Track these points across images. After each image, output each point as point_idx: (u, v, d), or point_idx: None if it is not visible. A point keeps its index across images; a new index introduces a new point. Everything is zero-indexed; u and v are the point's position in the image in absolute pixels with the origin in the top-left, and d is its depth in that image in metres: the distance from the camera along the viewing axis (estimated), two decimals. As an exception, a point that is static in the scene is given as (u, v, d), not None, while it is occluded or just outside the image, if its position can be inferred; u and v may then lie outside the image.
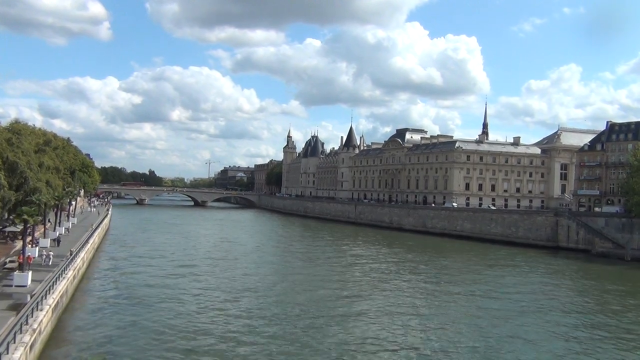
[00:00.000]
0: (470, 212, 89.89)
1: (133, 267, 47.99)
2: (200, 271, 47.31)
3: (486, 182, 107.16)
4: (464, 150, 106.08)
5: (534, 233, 77.03)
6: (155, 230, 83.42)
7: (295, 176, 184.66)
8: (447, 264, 58.97)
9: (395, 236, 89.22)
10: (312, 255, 60.83)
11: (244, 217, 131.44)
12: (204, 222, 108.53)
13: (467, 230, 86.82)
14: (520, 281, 48.62)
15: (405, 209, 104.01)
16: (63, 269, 32.65)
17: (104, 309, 32.50)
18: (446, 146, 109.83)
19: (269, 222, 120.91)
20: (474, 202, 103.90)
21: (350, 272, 50.13)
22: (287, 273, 48.26)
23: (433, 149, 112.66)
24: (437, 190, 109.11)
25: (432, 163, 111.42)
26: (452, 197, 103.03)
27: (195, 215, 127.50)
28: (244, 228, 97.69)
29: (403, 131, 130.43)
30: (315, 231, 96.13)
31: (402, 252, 66.76)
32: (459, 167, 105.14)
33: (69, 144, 74.52)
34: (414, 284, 45.01)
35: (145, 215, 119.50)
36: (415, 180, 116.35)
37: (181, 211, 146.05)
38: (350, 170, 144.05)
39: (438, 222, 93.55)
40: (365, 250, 68.19)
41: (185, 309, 33.10)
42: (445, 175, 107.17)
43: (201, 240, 73.06)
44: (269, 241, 76.58)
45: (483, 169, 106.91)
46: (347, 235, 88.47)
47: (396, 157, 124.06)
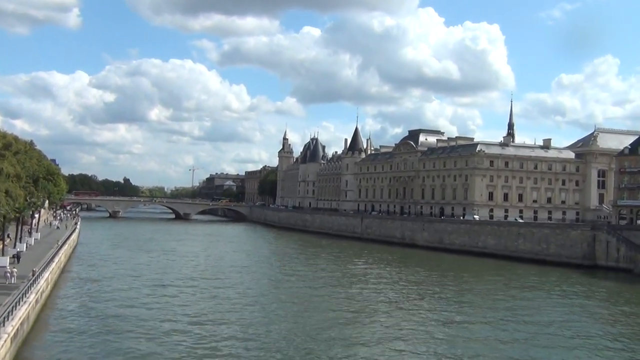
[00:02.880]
0: (495, 225, 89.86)
1: (104, 290, 47.89)
2: (181, 296, 47.11)
3: (512, 191, 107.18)
4: (487, 155, 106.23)
5: (568, 250, 76.86)
6: (130, 248, 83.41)
7: (292, 185, 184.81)
8: (468, 286, 58.79)
9: (407, 254, 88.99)
10: (311, 278, 60.73)
11: (232, 233, 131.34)
12: (186, 238, 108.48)
13: (490, 247, 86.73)
14: (553, 307, 48.38)
15: (419, 223, 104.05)
16: (24, 292, 32.56)
17: (71, 338, 32.37)
18: (466, 150, 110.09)
19: (261, 238, 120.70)
20: (499, 215, 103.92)
21: (355, 297, 49.91)
22: (282, 300, 48.03)
23: (451, 153, 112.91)
24: (455, 201, 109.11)
25: (450, 169, 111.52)
26: (474, 208, 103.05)
27: (177, 230, 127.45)
28: (233, 245, 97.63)
29: (416, 132, 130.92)
30: (316, 248, 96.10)
31: (415, 273, 66.67)
32: (481, 174, 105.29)
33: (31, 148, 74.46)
34: (430, 310, 44.77)
35: (119, 230, 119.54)
36: (431, 189, 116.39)
37: (160, 225, 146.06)
38: (355, 178, 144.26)
39: (457, 238, 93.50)
40: (373, 271, 68.10)
41: (163, 339, 32.90)
42: (465, 183, 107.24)
43: (183, 259, 73.03)
44: (261, 261, 76.47)
45: (509, 176, 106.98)
46: (352, 254, 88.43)
47: (408, 162, 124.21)
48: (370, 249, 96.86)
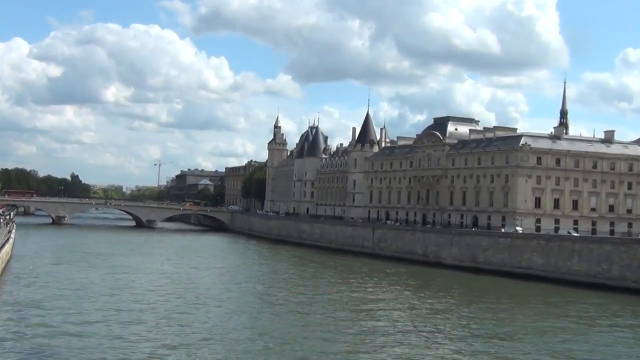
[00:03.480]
0: (542, 240, 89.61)
1: (44, 316, 47.83)
2: (140, 326, 47.00)
3: (565, 197, 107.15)
4: (533, 150, 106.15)
5: (636, 272, 76.47)
6: (77, 264, 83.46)
7: (285, 185, 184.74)
8: (508, 316, 58.51)
9: (431, 275, 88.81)
10: (307, 306, 60.39)
11: (208, 245, 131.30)
12: (149, 252, 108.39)
13: (536, 267, 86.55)
14: (616, 344, 48.11)
15: (446, 235, 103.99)
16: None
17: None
18: (507, 143, 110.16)
19: (245, 253, 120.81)
20: (547, 226, 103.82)
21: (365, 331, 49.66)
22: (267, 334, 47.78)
23: (487, 147, 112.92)
24: (493, 208, 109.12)
25: (486, 168, 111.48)
26: (516, 217, 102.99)
27: (138, 242, 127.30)
28: (208, 262, 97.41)
29: (443, 121, 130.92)
30: (314, 267, 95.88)
31: (441, 300, 66.50)
32: (526, 174, 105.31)
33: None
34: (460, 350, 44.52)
35: (65, 240, 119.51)
36: (462, 193, 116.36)
37: (117, 235, 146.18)
38: (365, 178, 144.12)
39: (494, 255, 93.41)
40: (386, 297, 67.81)
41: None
42: (506, 185, 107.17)
43: (145, 279, 73.01)
44: (244, 283, 76.21)
45: (561, 177, 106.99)
46: (360, 274, 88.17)
47: (433, 158, 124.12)
48: (383, 268, 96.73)
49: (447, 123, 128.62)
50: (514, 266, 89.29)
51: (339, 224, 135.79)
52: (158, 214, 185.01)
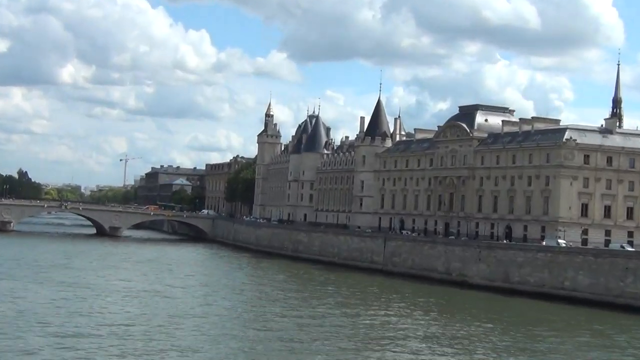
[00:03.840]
0: (590, 255, 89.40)
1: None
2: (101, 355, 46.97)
3: (617, 204, 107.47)
4: (580, 146, 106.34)
5: None
6: (25, 279, 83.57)
7: (278, 186, 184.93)
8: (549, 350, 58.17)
9: (454, 297, 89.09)
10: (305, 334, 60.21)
11: (185, 259, 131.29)
12: (113, 266, 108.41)
13: (582, 289, 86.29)
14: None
15: (473, 249, 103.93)
16: None
17: None
18: (548, 137, 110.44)
19: (229, 268, 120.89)
20: (597, 238, 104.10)
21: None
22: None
23: (524, 143, 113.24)
24: (530, 216, 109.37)
25: (522, 167, 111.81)
26: (558, 228, 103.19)
27: (99, 254, 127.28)
28: (184, 280, 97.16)
29: (471, 110, 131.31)
30: (314, 286, 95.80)
31: (466, 327, 66.28)
32: (571, 176, 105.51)
33: None
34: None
35: (10, 250, 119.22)
36: (492, 198, 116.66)
37: (74, 245, 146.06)
38: (376, 178, 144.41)
39: (532, 274, 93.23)
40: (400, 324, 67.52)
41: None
42: (546, 189, 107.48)
43: (106, 299, 73.12)
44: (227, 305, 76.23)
45: (613, 179, 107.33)
46: (368, 295, 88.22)
47: (459, 155, 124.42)
48: (397, 288, 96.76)
49: (475, 113, 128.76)
50: (556, 287, 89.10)
51: (344, 234, 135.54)
52: (124, 220, 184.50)
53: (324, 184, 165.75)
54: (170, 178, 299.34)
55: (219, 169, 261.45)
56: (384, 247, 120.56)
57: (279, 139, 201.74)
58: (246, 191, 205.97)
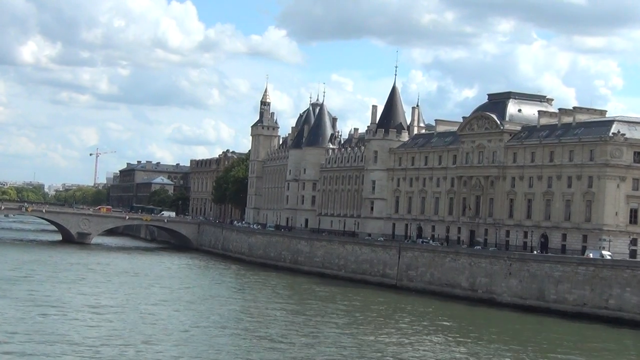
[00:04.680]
0: (639, 270, 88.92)
1: None
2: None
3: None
4: (630, 142, 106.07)
5: None
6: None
7: (275, 186, 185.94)
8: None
9: (480, 317, 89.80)
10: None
11: (165, 271, 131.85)
12: (82, 278, 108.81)
13: (630, 308, 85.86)
14: None
15: (502, 261, 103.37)
16: None
17: None
18: (592, 131, 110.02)
19: (218, 282, 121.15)
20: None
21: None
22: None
23: (564, 138, 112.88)
24: (570, 224, 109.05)
25: (561, 166, 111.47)
26: (603, 237, 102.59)
27: (66, 264, 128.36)
28: (165, 296, 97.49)
29: (502, 98, 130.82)
30: (316, 305, 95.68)
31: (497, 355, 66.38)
32: (618, 176, 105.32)
33: None
34: None
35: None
36: (526, 202, 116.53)
37: (37, 253, 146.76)
38: (389, 177, 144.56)
39: (571, 291, 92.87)
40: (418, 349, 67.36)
41: None
42: (589, 191, 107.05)
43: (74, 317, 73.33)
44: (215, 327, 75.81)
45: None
46: (380, 315, 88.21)
47: (487, 151, 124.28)
48: (413, 306, 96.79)
49: (507, 102, 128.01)
50: (599, 306, 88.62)
51: (351, 243, 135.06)
52: (94, 225, 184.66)
53: (328, 184, 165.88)
54: (149, 176, 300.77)
55: (205, 165, 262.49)
56: (399, 258, 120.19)
57: (276, 131, 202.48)
58: (237, 192, 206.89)
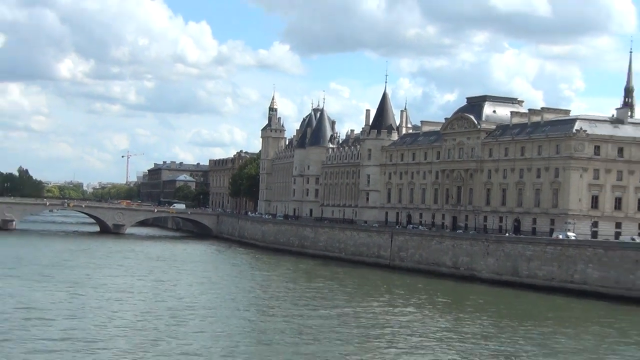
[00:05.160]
0: (600, 248, 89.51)
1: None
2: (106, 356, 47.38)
3: (629, 195, 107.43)
4: (590, 137, 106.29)
5: None
6: (28, 278, 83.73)
7: (283, 181, 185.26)
8: (559, 343, 58.39)
9: (463, 292, 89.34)
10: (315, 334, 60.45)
11: (191, 256, 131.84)
12: (118, 264, 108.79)
13: (592, 282, 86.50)
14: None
15: (481, 243, 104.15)
16: None
17: None
18: (558, 128, 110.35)
19: (235, 265, 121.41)
20: (607, 231, 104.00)
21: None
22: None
23: (534, 134, 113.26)
24: (539, 209, 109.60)
25: (531, 159, 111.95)
26: (568, 221, 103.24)
27: (104, 251, 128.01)
28: (191, 277, 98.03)
29: (479, 101, 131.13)
30: (320, 284, 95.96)
31: (476, 323, 66.34)
32: (581, 167, 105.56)
33: None
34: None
35: (12, 249, 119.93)
36: (501, 191, 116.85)
37: (78, 243, 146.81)
38: (382, 172, 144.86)
39: (541, 267, 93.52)
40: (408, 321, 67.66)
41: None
42: (556, 181, 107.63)
43: (112, 299, 73.36)
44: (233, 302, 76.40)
45: (624, 170, 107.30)
46: (375, 291, 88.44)
47: (466, 147, 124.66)
48: (404, 283, 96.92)
49: (483, 104, 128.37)
50: (565, 280, 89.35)
51: (350, 229, 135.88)
52: (127, 217, 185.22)
53: (329, 178, 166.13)
54: (174, 174, 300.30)
55: (222, 164, 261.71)
56: (391, 242, 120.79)
57: (283, 133, 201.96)
58: (251, 187, 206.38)
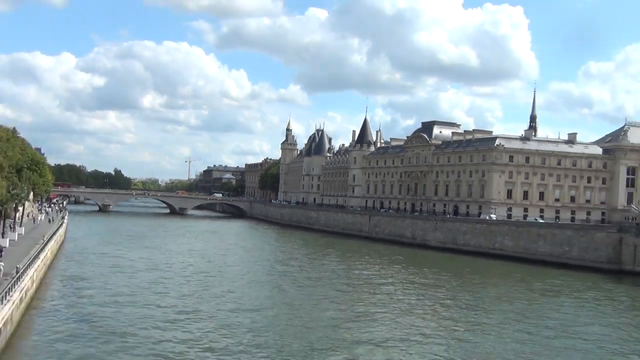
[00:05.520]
0: (513, 226, 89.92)
1: (94, 289, 48.13)
2: (175, 295, 47.64)
3: (533, 189, 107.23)
4: (506, 149, 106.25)
5: (592, 253, 76.86)
6: (121, 244, 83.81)
7: (295, 179, 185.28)
8: (483, 290, 58.80)
9: (418, 255, 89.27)
10: (315, 279, 60.98)
11: (232, 230, 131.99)
12: (182, 234, 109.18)
13: (508, 249, 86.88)
14: (569, 313, 48.48)
15: (431, 222, 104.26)
16: (7, 290, 32.95)
17: (57, 340, 32.69)
18: (484, 144, 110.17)
19: (263, 236, 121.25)
20: (518, 214, 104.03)
21: (362, 300, 50.26)
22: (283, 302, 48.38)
23: (467, 147, 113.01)
24: (471, 199, 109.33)
25: (465, 164, 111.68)
26: (491, 207, 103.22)
27: (172, 226, 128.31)
28: (232, 243, 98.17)
29: (430, 124, 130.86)
30: (321, 248, 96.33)
31: (426, 276, 66.76)
32: (500, 170, 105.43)
33: (14, 136, 75.18)
34: (442, 316, 44.96)
35: (110, 225, 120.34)
36: (445, 186, 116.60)
37: (154, 220, 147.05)
38: (363, 173, 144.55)
39: (472, 238, 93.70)
40: (380, 273, 68.23)
41: (158, 347, 33.04)
42: (482, 179, 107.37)
43: (179, 257, 73.60)
44: (262, 259, 76.89)
45: (529, 172, 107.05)
46: (359, 254, 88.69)
47: (421, 156, 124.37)
48: (378, 249, 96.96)
49: (433, 126, 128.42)
50: (489, 248, 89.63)
51: (341, 212, 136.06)
52: (189, 203, 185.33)
53: (327, 177, 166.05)
54: (220, 174, 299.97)
55: (254, 167, 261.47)
56: (369, 220, 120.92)
57: (295, 146, 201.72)
58: (273, 182, 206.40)
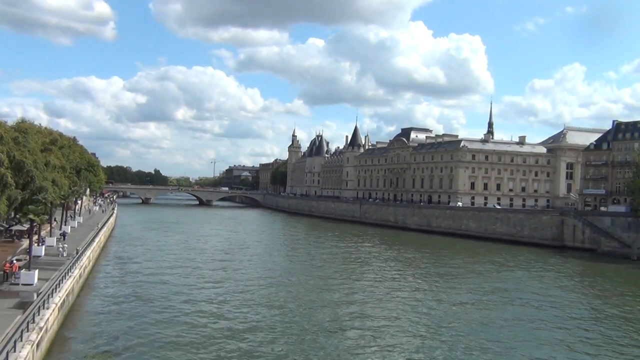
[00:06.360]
0: (476, 211, 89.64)
1: (139, 266, 48.00)
2: (207, 270, 47.46)
3: (491, 181, 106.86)
4: (469, 150, 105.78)
5: (540, 232, 76.73)
6: (160, 229, 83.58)
7: (300, 175, 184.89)
8: (452, 262, 58.48)
9: (400, 235, 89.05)
10: (317, 254, 60.88)
11: (249, 217, 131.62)
12: (209, 221, 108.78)
13: (472, 230, 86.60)
14: (524, 280, 48.35)
15: (410, 208, 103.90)
16: (69, 267, 32.77)
17: (110, 308, 32.58)
18: (451, 145, 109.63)
19: (274, 221, 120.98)
20: (479, 202, 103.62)
21: (353, 271, 50.13)
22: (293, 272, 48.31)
23: (438, 148, 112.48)
24: (442, 190, 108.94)
25: (437, 162, 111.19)
26: (457, 196, 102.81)
27: (201, 215, 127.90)
28: (249, 227, 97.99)
29: (408, 130, 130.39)
30: (320, 230, 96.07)
31: (406, 251, 66.60)
32: (464, 166, 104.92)
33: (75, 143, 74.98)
34: (419, 282, 44.89)
35: (151, 214, 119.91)
36: (420, 180, 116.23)
37: (186, 210, 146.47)
38: (355, 170, 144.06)
39: (443, 222, 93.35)
40: (369, 249, 68.07)
41: (192, 308, 33.04)
42: (451, 174, 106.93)
43: (207, 239, 73.41)
44: (274, 240, 76.81)
45: (488, 168, 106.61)
46: (351, 235, 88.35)
47: (401, 156, 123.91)
48: (367, 231, 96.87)
49: (410, 132, 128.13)
50: (457, 229, 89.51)
51: (337, 202, 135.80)
52: (214, 196, 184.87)
53: (326, 173, 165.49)
54: (239, 172, 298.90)
55: (266, 166, 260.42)
56: (360, 208, 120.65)
57: (299, 149, 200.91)
58: (282, 179, 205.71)
